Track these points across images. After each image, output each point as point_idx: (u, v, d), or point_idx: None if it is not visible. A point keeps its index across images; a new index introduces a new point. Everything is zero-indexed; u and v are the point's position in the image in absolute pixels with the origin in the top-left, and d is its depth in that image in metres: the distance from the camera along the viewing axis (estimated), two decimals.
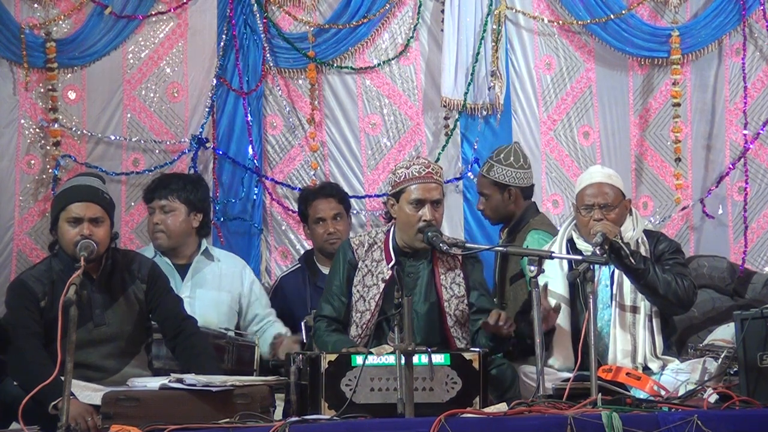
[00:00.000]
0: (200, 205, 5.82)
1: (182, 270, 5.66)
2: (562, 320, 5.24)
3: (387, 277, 5.07)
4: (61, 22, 6.40)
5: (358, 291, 5.13)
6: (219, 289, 5.69)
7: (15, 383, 4.67)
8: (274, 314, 5.80)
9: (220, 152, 6.61)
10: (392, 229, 5.20)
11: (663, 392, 4.72)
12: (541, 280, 5.10)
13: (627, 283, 5.24)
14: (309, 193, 6.20)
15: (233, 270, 5.79)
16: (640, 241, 5.27)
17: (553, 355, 5.23)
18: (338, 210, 6.07)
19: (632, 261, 5.02)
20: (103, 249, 4.80)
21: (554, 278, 5.26)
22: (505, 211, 5.97)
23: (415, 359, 4.41)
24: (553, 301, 5.15)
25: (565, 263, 5.25)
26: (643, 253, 5.21)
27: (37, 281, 4.77)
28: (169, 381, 4.45)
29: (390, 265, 5.08)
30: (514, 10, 6.95)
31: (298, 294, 6.00)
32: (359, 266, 5.15)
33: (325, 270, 5.92)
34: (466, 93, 6.79)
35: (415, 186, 5.07)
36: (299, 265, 6.18)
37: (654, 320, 5.22)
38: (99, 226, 4.80)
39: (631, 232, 5.25)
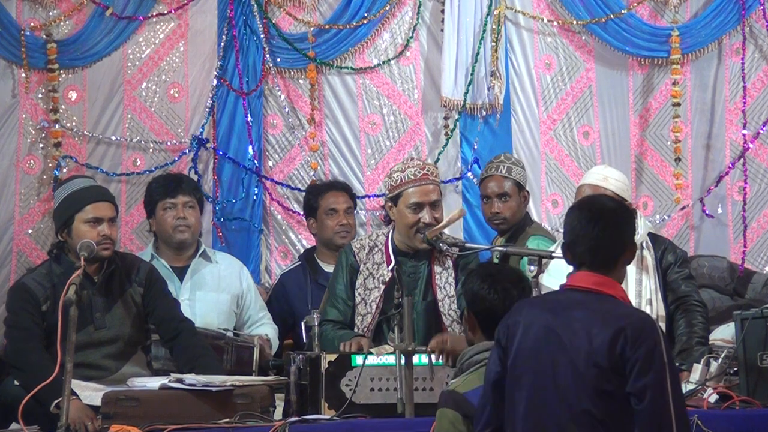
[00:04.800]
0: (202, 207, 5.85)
1: (180, 272, 5.65)
2: None
3: (387, 279, 5.07)
4: (61, 23, 6.40)
5: (359, 294, 5.13)
6: (218, 291, 5.68)
7: (16, 383, 4.68)
8: (268, 316, 5.79)
9: (221, 152, 6.62)
10: (392, 231, 5.21)
11: None
12: (549, 281, 5.11)
13: (631, 286, 5.23)
14: (320, 186, 6.19)
15: (231, 271, 5.78)
16: (644, 245, 5.25)
17: None
18: (350, 204, 6.09)
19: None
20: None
21: (562, 279, 5.24)
22: (520, 214, 5.83)
23: (415, 359, 4.42)
24: None
25: None
26: (650, 260, 5.21)
27: (38, 285, 4.78)
28: (169, 381, 4.46)
29: (390, 268, 5.09)
30: (513, 10, 6.95)
31: (300, 291, 6.00)
32: (360, 269, 5.15)
33: (327, 267, 5.92)
34: (465, 93, 6.79)
35: (412, 189, 5.06)
36: (300, 262, 6.18)
37: (660, 324, 5.21)
38: (114, 226, 4.85)
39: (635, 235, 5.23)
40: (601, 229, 3.57)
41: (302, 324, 5.66)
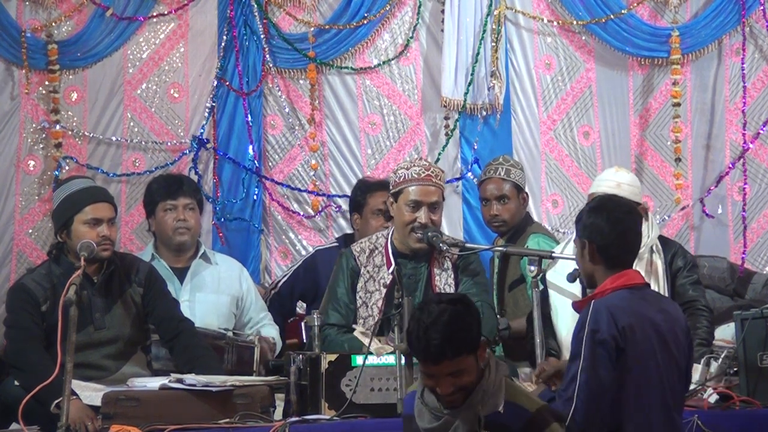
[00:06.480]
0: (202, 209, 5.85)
1: (180, 273, 5.64)
2: (573, 320, 5.22)
3: (388, 282, 5.07)
4: (62, 24, 6.41)
5: (360, 297, 5.13)
6: (218, 293, 5.66)
7: (16, 383, 4.68)
8: (269, 317, 5.78)
9: (221, 152, 6.62)
10: (392, 232, 5.21)
11: None
12: (554, 277, 5.10)
13: None
14: (371, 185, 6.09)
15: (231, 273, 5.76)
16: (654, 248, 5.24)
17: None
18: None
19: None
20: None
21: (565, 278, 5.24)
22: (519, 216, 5.80)
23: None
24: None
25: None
26: (659, 264, 5.20)
27: (38, 285, 4.78)
28: (169, 381, 4.47)
29: (390, 270, 5.09)
30: (513, 10, 6.96)
31: (329, 269, 5.95)
32: (361, 272, 5.15)
33: None
34: (465, 93, 6.79)
35: (413, 187, 5.07)
36: (336, 244, 6.14)
37: None
38: (113, 227, 4.85)
39: (645, 238, 5.20)
40: (633, 229, 4.00)
41: (302, 324, 5.69)
